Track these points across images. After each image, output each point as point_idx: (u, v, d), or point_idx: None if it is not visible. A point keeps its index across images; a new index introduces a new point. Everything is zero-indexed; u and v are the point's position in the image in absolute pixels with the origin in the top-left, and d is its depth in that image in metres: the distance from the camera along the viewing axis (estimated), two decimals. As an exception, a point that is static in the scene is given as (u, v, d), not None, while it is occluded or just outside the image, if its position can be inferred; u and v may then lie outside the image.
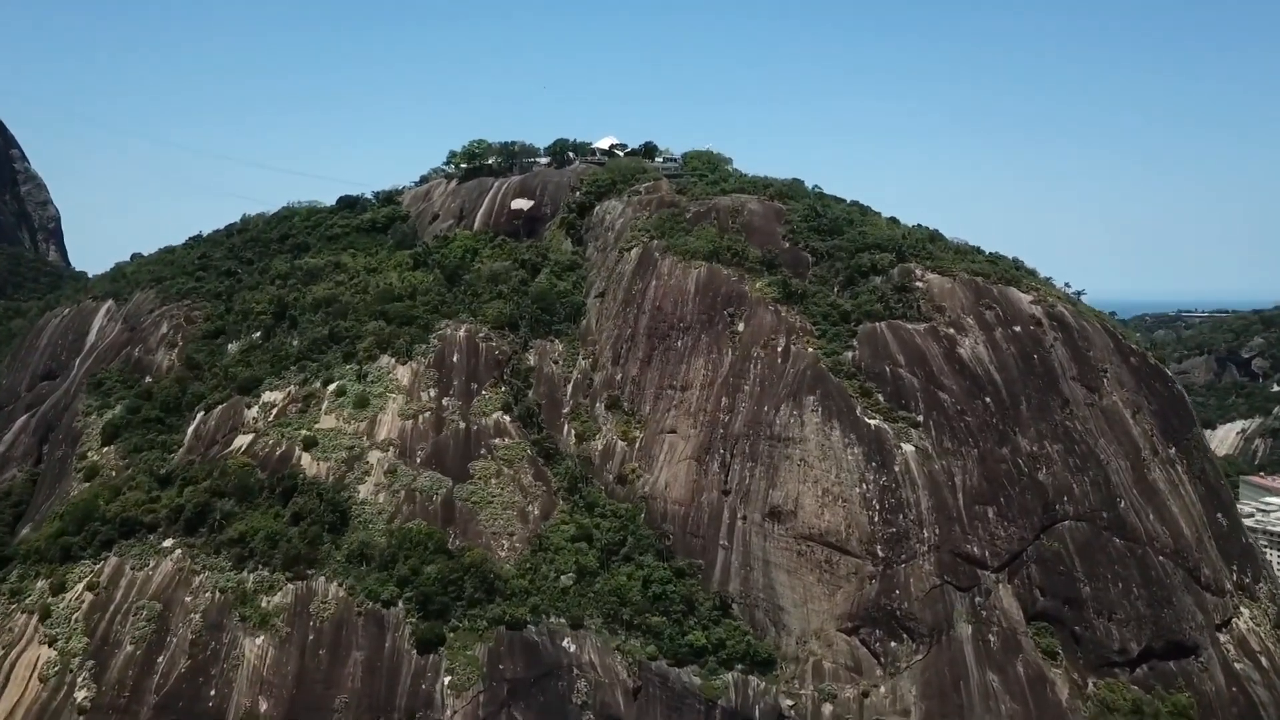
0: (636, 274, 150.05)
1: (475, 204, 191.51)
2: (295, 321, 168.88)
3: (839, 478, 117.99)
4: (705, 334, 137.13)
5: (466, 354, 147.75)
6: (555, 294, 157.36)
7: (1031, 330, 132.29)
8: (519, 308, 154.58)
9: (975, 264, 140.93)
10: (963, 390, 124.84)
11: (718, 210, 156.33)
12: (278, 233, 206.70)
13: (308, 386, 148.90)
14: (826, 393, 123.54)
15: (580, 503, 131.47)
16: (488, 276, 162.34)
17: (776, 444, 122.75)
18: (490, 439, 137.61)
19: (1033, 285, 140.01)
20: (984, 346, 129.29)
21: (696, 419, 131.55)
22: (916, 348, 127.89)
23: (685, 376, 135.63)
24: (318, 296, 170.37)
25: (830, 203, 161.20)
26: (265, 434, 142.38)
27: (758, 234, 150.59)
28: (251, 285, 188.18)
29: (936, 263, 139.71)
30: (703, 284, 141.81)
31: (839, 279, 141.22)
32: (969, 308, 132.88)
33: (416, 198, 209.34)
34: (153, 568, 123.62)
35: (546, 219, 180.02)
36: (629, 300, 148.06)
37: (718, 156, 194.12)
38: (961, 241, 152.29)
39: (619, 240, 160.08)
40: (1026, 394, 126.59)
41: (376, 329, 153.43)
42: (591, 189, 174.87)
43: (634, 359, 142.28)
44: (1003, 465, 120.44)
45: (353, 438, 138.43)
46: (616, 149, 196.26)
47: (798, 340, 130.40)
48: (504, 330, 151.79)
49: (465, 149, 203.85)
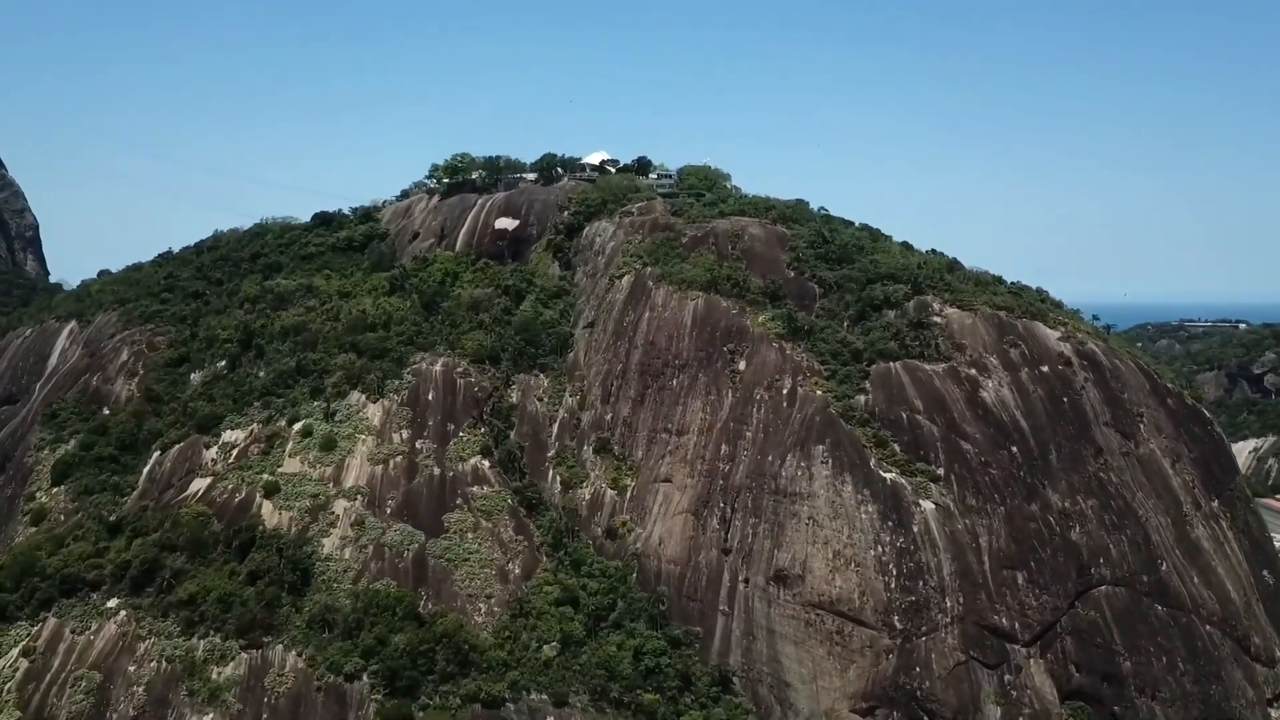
0: (628, 304, 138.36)
1: (457, 222, 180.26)
2: (262, 351, 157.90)
3: (851, 539, 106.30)
4: (703, 372, 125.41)
5: (443, 391, 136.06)
6: (540, 324, 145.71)
7: (1060, 370, 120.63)
8: (501, 339, 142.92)
9: (997, 296, 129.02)
10: (987, 439, 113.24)
11: (716, 235, 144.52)
12: (249, 251, 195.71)
13: (272, 425, 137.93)
14: (837, 442, 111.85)
15: (565, 560, 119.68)
16: (468, 304, 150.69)
17: (782, 499, 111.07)
18: (467, 487, 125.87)
19: (1059, 319, 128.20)
20: (1009, 389, 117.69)
21: (694, 467, 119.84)
22: (935, 391, 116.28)
23: (681, 419, 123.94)
24: (286, 324, 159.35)
25: (838, 227, 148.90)
26: (224, 478, 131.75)
27: (759, 261, 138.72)
28: (219, 309, 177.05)
29: (955, 295, 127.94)
30: (700, 317, 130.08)
31: (849, 313, 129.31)
32: (992, 346, 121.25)
33: (397, 214, 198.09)
34: (94, 631, 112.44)
35: (533, 240, 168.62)
36: (620, 333, 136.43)
37: (715, 172, 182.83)
38: (981, 271, 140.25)
39: (609, 266, 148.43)
40: (1056, 442, 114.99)
41: (346, 362, 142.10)
42: (580, 209, 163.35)
43: (625, 398, 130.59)
44: (1032, 524, 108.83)
45: (318, 484, 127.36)
46: (608, 165, 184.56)
47: (805, 381, 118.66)
48: (484, 364, 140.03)
49: (448, 163, 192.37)
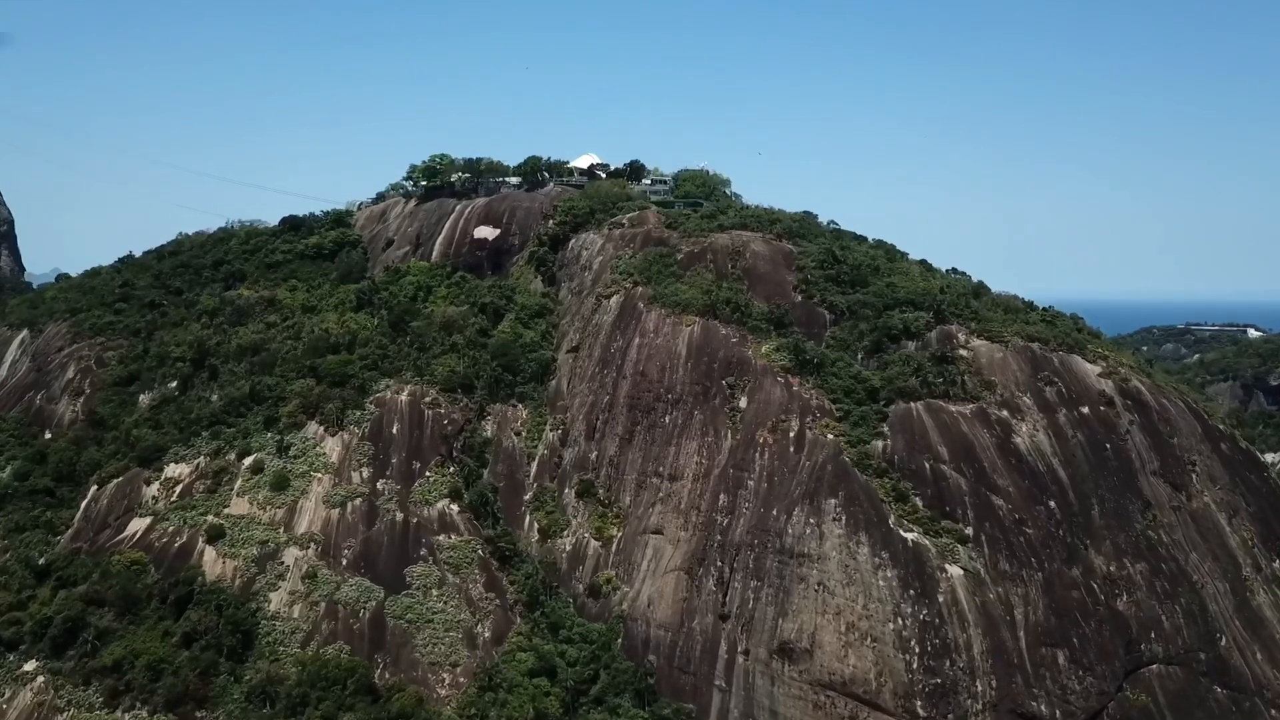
0: (617, 327, 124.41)
1: (434, 230, 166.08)
2: (216, 372, 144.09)
3: (867, 609, 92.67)
4: (699, 409, 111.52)
5: (409, 424, 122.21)
6: (520, 347, 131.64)
7: (1102, 412, 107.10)
8: (475, 364, 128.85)
9: (1029, 326, 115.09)
10: (1021, 493, 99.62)
11: (714, 251, 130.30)
12: (211, 258, 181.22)
13: (220, 458, 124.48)
14: (851, 495, 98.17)
15: (543, 622, 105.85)
16: (440, 324, 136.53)
17: (788, 560, 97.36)
18: (433, 535, 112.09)
19: (1099, 352, 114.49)
20: (1045, 434, 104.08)
21: (688, 518, 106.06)
22: (962, 437, 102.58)
23: (674, 462, 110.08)
24: (243, 342, 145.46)
25: (849, 244, 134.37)
26: (165, 518, 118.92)
27: (763, 283, 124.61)
28: (176, 321, 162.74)
29: (983, 325, 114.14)
30: (696, 345, 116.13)
31: (863, 344, 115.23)
32: (1025, 383, 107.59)
33: (371, 218, 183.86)
34: (7, 699, 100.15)
35: (514, 251, 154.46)
36: (607, 360, 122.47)
37: (714, 178, 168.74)
38: (1009, 295, 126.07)
39: (597, 283, 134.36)
40: (1099, 496, 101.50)
41: (304, 389, 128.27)
42: (566, 218, 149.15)
43: (612, 434, 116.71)
44: (1074, 592, 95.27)
45: (267, 529, 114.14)
46: (597, 169, 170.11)
47: (814, 423, 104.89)
48: (456, 393, 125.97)
49: (425, 164, 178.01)
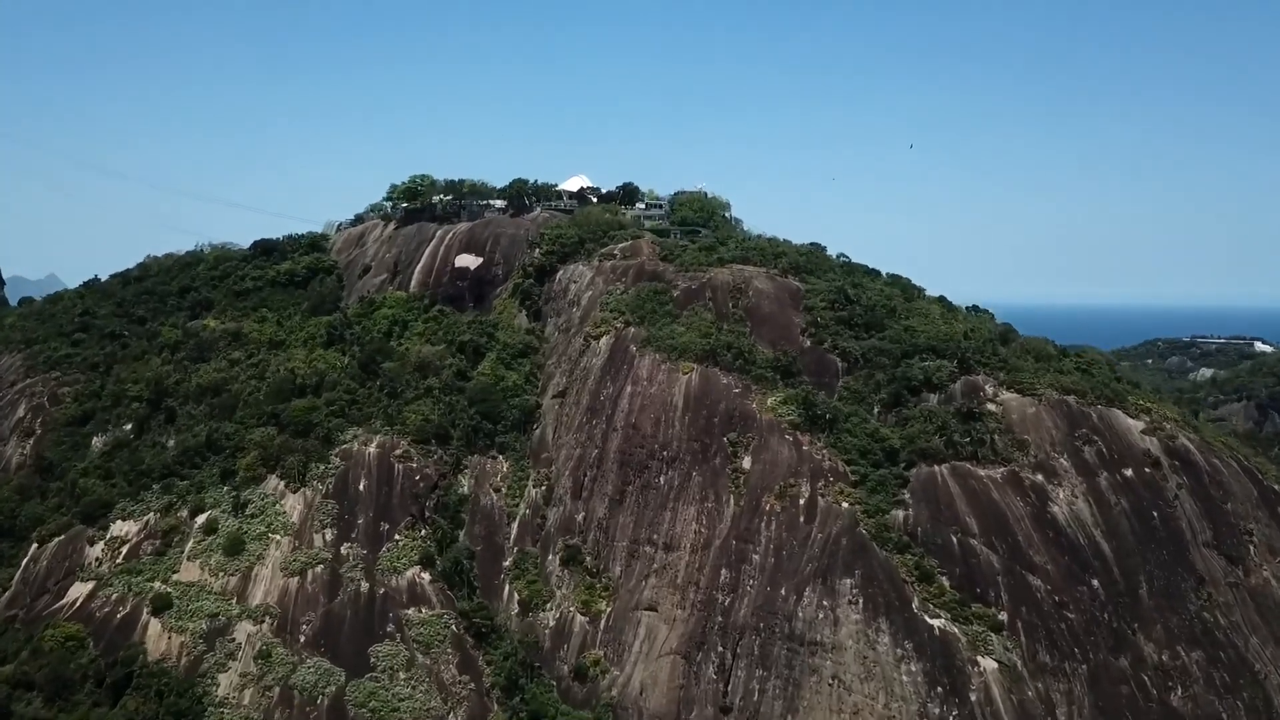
0: (606, 372, 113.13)
1: (413, 256, 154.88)
2: (173, 415, 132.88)
3: (889, 708, 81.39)
4: (698, 469, 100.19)
5: (377, 479, 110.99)
6: (501, 392, 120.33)
7: (1147, 474, 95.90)
8: (452, 411, 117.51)
9: (1064, 376, 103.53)
10: (1061, 571, 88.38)
11: (714, 288, 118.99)
12: (178, 284, 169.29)
13: (171, 515, 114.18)
14: (869, 574, 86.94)
15: (522, 710, 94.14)
16: (414, 365, 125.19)
17: (798, 648, 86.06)
18: (402, 609, 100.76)
19: (1141, 405, 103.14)
20: (1085, 501, 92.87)
21: (685, 595, 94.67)
22: (993, 506, 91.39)
23: (670, 530, 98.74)
24: (203, 382, 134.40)
25: (861, 279, 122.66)
26: (109, 583, 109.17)
27: (767, 325, 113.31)
28: (136, 354, 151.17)
29: (1012, 375, 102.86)
30: (694, 396, 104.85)
31: (880, 396, 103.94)
32: (1061, 443, 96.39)
33: (349, 242, 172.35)
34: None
35: (497, 281, 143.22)
36: (596, 409, 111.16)
37: (713, 201, 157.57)
38: (1040, 340, 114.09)
39: (585, 321, 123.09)
40: (1147, 572, 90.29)
41: (265, 438, 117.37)
42: (553, 247, 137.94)
43: (601, 494, 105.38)
44: (1123, 687, 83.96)
45: (218, 600, 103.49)
46: (588, 192, 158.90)
47: (827, 489, 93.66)
48: (429, 444, 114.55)
49: (406, 185, 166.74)
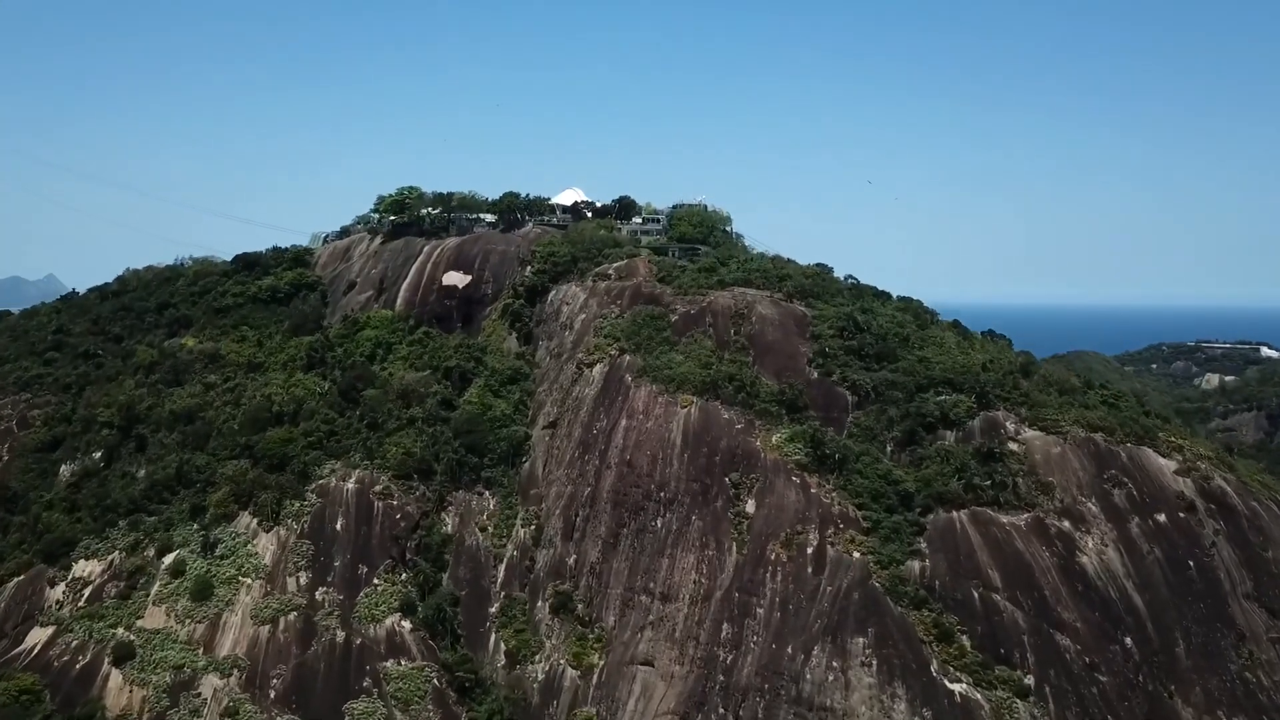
0: (600, 404, 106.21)
1: (400, 273, 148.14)
2: (144, 443, 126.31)
3: (907, 783, 74.63)
4: (697, 513, 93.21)
5: (355, 518, 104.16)
6: (488, 422, 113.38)
7: (1181, 519, 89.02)
8: (436, 443, 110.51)
9: (1090, 411, 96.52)
10: (1091, 628, 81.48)
11: (714, 313, 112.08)
12: (156, 300, 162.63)
13: (138, 555, 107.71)
14: (884, 633, 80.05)
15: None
16: (397, 393, 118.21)
17: (806, 713, 79.09)
18: (380, 661, 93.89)
19: (1172, 442, 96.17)
20: (1115, 550, 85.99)
21: (684, 650, 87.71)
22: (1017, 556, 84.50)
23: (668, 578, 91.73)
24: (176, 408, 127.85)
25: (871, 304, 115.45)
26: (69, 629, 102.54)
27: (772, 354, 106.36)
28: (110, 375, 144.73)
29: (1035, 411, 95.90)
30: (693, 432, 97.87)
31: (893, 433, 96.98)
32: (1089, 485, 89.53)
33: (334, 256, 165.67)
34: None
35: (486, 301, 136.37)
36: (589, 443, 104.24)
37: (713, 215, 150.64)
38: (1062, 371, 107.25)
39: (578, 346, 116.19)
40: (1184, 628, 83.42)
41: (238, 472, 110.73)
42: (545, 265, 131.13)
43: (593, 536, 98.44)
44: (1161, 759, 77.39)
45: (184, 650, 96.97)
46: (582, 207, 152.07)
47: (836, 537, 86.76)
48: (411, 480, 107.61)
49: (393, 197, 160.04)
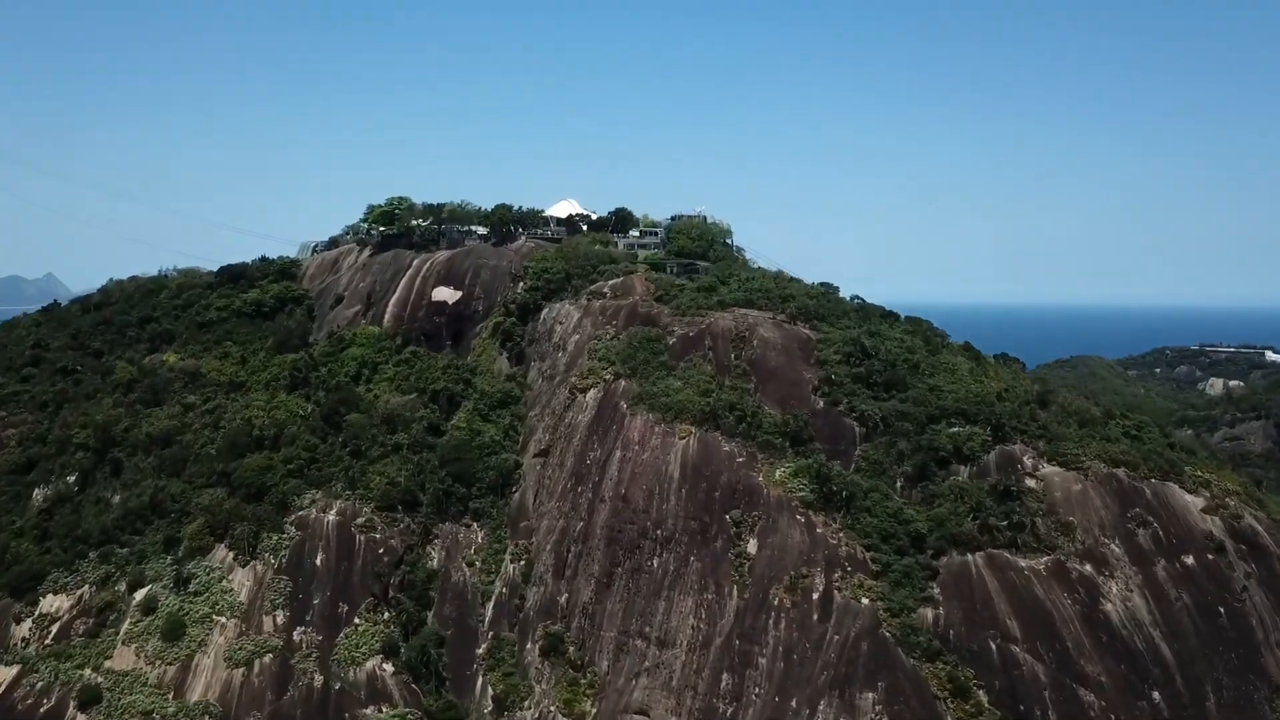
0: (594, 432, 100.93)
1: (388, 287, 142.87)
2: (119, 467, 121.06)
3: None
4: (696, 553, 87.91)
5: (336, 552, 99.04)
6: (476, 450, 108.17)
7: (1210, 561, 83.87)
8: (421, 472, 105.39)
9: (1111, 444, 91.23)
10: (1117, 682, 76.27)
11: (714, 335, 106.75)
12: (138, 314, 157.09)
13: (108, 589, 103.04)
14: (895, 687, 74.87)
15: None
16: (382, 417, 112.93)
17: (812, 774, 74.08)
18: (360, 708, 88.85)
19: (1199, 476, 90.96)
20: (1141, 595, 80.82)
21: (681, 699, 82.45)
22: (1037, 604, 79.23)
23: (664, 623, 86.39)
24: (153, 430, 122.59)
25: (879, 326, 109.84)
26: (34, 669, 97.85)
27: (775, 380, 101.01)
28: (88, 393, 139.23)
29: (1054, 445, 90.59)
30: (692, 465, 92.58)
31: (904, 468, 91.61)
32: (1112, 526, 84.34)
33: (322, 267, 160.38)
34: None
35: (477, 318, 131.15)
36: (582, 474, 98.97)
37: (713, 228, 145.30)
38: (1081, 400, 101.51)
39: (571, 369, 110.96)
40: (1214, 680, 78.27)
41: (214, 502, 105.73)
42: (538, 282, 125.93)
43: (586, 574, 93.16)
44: (1192, 825, 72.25)
45: (153, 694, 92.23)
46: (578, 220, 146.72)
47: (844, 581, 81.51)
48: (395, 511, 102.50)
49: (383, 208, 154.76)
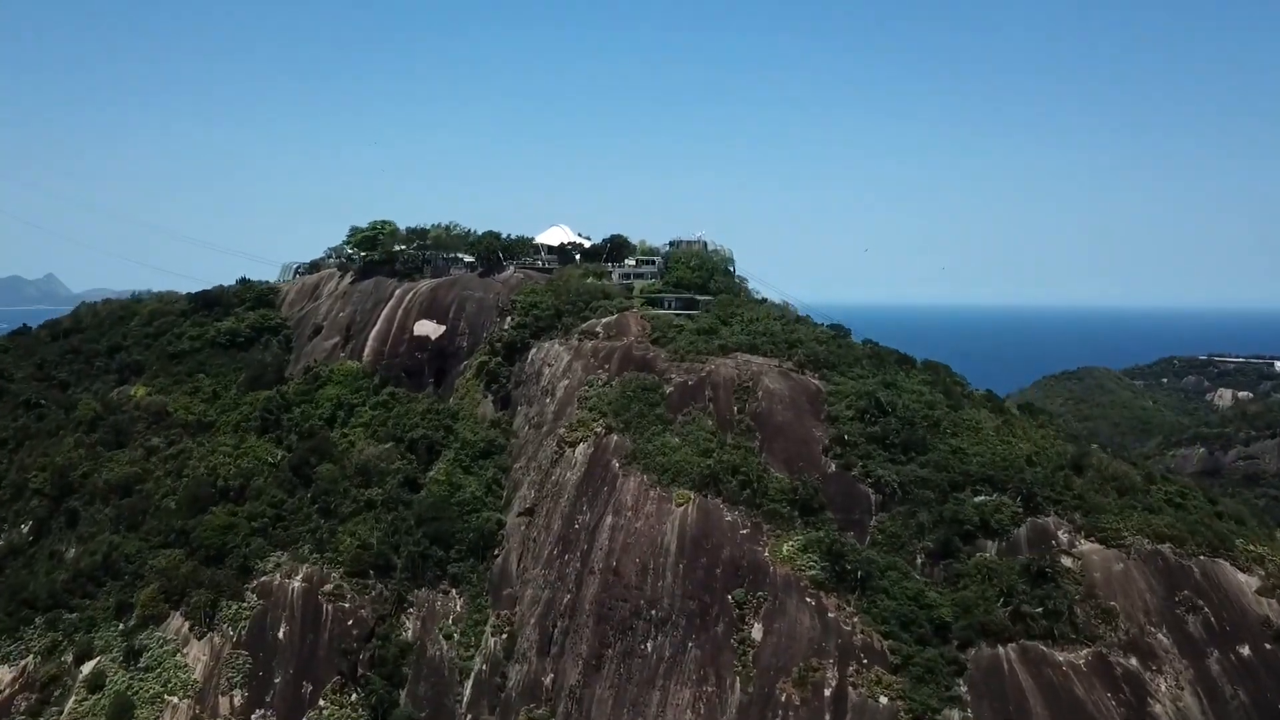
0: (583, 493, 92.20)
1: (369, 318, 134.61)
2: (75, 517, 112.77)
3: None
4: (695, 639, 78.99)
5: (301, 624, 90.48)
6: (456, 507, 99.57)
7: (1269, 652, 75.06)
8: (396, 532, 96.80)
9: (1154, 516, 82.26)
10: (1169, 799, 67.81)
11: (715, 385, 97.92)
12: (108, 342, 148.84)
13: (53, 661, 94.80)
14: (919, 806, 66.27)
15: None
16: (356, 468, 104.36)
17: None
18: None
19: (1251, 551, 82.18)
20: (1193, 693, 72.08)
21: (676, 806, 73.90)
22: (1078, 706, 70.35)
23: (659, 715, 77.19)
24: (113, 478, 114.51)
25: (895, 374, 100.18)
26: None
27: (782, 438, 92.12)
28: (51, 429, 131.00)
29: (1091, 518, 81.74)
30: (691, 536, 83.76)
31: (925, 543, 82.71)
32: (1158, 611, 75.62)
33: (302, 293, 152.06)
34: None
35: (461, 355, 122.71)
36: (569, 540, 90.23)
37: (713, 257, 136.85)
38: (1118, 461, 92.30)
39: (560, 417, 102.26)
40: (1277, 794, 69.81)
41: (170, 564, 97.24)
42: (526, 319, 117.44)
43: (574, 654, 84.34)
44: None
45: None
46: (570, 248, 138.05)
47: (859, 676, 72.65)
48: (367, 577, 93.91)
49: (365, 232, 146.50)
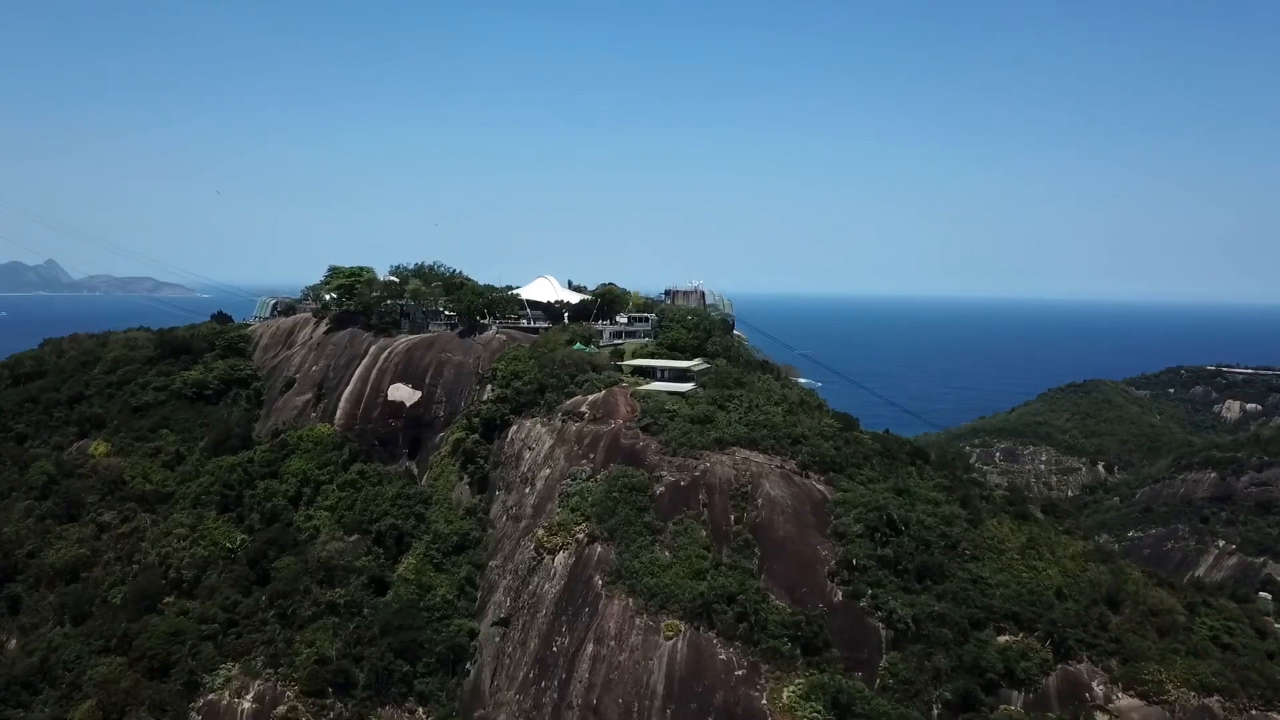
0: (563, 610, 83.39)
1: (342, 375, 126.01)
2: (17, 604, 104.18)
3: None
4: (682, 799, 70.68)
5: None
6: (425, 613, 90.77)
7: (1329, 832, 66.75)
8: (359, 641, 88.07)
9: (1200, 663, 73.66)
10: None
11: (709, 487, 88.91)
12: (69, 391, 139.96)
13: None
14: None
15: None
16: (317, 565, 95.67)
17: None
18: None
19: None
20: None
21: None
22: None
23: None
24: (58, 562, 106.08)
25: (907, 478, 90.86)
26: None
27: (783, 555, 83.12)
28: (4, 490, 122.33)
29: (1130, 666, 73.04)
30: (680, 676, 75.02)
31: (942, 690, 73.97)
32: (1206, 783, 67.27)
33: (276, 337, 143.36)
34: None
35: (438, 426, 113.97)
36: (546, 664, 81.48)
37: (711, 312, 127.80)
38: (1156, 588, 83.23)
39: (541, 511, 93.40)
40: None
41: (109, 677, 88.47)
42: (507, 392, 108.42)
43: (548, 800, 75.91)
44: None
45: None
46: (558, 306, 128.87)
47: None
48: (325, 696, 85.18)
49: (342, 279, 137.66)
